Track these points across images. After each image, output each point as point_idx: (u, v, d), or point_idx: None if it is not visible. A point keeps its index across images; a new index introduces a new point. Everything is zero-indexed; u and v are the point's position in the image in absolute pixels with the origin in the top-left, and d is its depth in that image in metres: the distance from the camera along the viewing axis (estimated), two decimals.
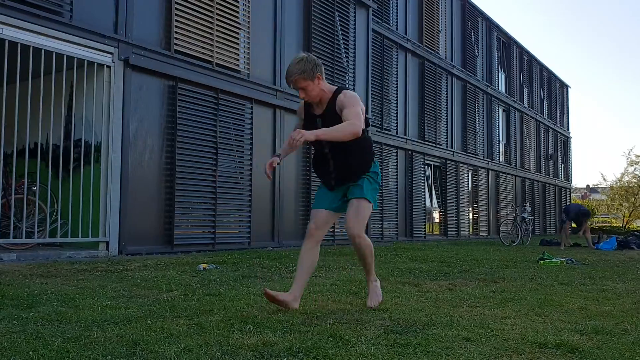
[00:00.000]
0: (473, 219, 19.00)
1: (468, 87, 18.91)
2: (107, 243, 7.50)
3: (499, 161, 21.43)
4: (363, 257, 3.65)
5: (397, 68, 15.05)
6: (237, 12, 9.61)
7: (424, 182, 16.06)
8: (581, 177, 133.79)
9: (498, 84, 21.96)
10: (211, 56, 9.10)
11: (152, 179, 8.14)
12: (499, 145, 21.54)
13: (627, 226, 33.04)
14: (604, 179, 41.14)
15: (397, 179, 14.59)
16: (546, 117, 27.25)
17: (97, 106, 7.64)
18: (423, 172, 15.93)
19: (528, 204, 16.98)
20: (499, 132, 21.65)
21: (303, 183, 11.03)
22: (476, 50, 20.02)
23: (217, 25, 9.19)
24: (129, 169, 7.80)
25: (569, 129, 30.96)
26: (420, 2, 16.35)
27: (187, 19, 8.72)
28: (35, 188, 7.41)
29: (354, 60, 12.57)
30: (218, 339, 2.65)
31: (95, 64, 7.56)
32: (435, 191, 17.05)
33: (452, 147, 17.70)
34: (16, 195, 7.26)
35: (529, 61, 25.40)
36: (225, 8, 9.35)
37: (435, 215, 17.00)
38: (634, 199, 34.49)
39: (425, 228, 15.85)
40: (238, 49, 9.62)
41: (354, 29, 12.69)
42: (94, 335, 2.70)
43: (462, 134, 18.54)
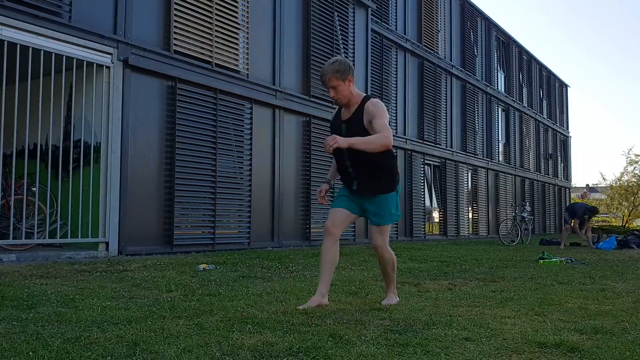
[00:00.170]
0: (473, 218, 19.00)
1: (467, 87, 18.91)
2: (107, 243, 7.50)
3: (499, 161, 21.43)
4: (384, 268, 3.84)
5: (396, 68, 15.05)
6: (236, 12, 9.61)
7: (424, 182, 16.06)
8: (581, 177, 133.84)
9: (497, 83, 21.96)
10: (210, 56, 9.10)
11: (151, 180, 8.13)
12: (498, 144, 21.55)
13: (627, 225, 33.04)
14: (604, 178, 41.15)
15: None
16: (545, 117, 27.26)
17: (97, 107, 7.64)
18: (422, 172, 15.94)
19: (527, 204, 16.97)
20: (498, 131, 21.65)
21: (303, 183, 11.03)
22: (475, 50, 20.03)
23: (217, 25, 9.19)
24: (129, 169, 7.80)
25: (568, 129, 30.98)
26: (420, 2, 16.35)
27: (187, 20, 8.71)
28: (34, 189, 7.40)
29: (354, 60, 12.57)
30: (218, 339, 2.65)
31: (95, 64, 7.55)
32: (435, 191, 17.05)
33: (451, 147, 17.70)
34: (16, 196, 7.26)
35: (528, 61, 25.40)
36: (225, 8, 9.35)
37: (435, 215, 17.00)
38: (633, 198, 34.48)
39: (424, 228, 15.85)
40: (237, 49, 9.62)
41: (353, 29, 12.69)
42: (94, 335, 2.70)
43: (462, 133, 18.54)
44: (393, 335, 2.82)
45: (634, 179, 34.96)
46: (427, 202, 16.43)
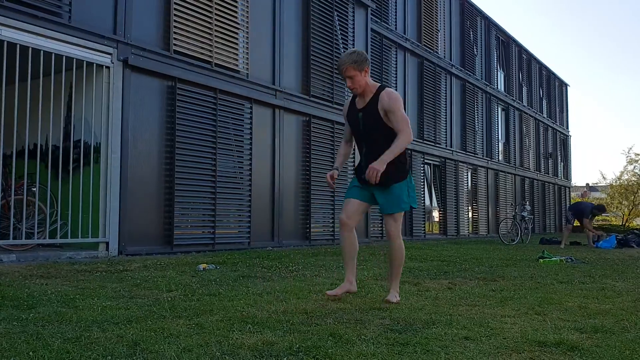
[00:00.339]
0: (472, 218, 19.00)
1: (467, 86, 18.91)
2: (107, 243, 7.50)
3: (499, 160, 21.43)
4: (393, 259, 3.96)
5: (396, 67, 15.05)
6: (236, 12, 9.61)
7: (424, 181, 16.07)
8: (581, 176, 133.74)
9: (497, 82, 21.97)
10: (210, 56, 9.10)
11: (151, 179, 8.14)
12: (498, 144, 21.55)
13: (627, 224, 33.05)
14: (604, 178, 41.08)
15: None
16: (545, 116, 27.26)
17: (97, 107, 7.64)
18: (422, 172, 15.94)
19: (527, 203, 16.99)
20: (498, 131, 21.65)
21: (303, 183, 11.04)
22: (475, 49, 20.03)
23: (216, 25, 9.19)
24: (129, 169, 7.80)
25: (568, 128, 30.98)
26: (419, 1, 16.35)
27: (186, 19, 8.71)
28: (34, 189, 7.40)
29: None
30: (218, 339, 2.66)
31: (94, 64, 7.55)
32: (435, 190, 17.05)
33: (451, 146, 17.70)
34: (16, 196, 7.26)
35: (528, 60, 25.40)
36: (224, 8, 9.35)
37: (435, 215, 17.01)
38: (633, 197, 34.51)
39: (424, 227, 15.86)
40: (237, 49, 9.62)
41: (353, 28, 12.69)
42: (94, 335, 2.71)
43: (461, 133, 18.54)
44: (393, 335, 2.83)
45: (633, 178, 35.00)
46: (427, 202, 16.43)
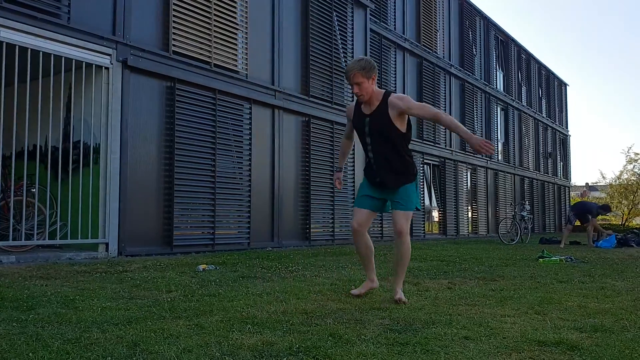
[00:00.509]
0: (472, 217, 19.00)
1: (466, 86, 18.92)
2: (107, 244, 7.50)
3: (498, 160, 21.44)
4: (399, 257, 3.98)
5: (395, 67, 15.06)
6: (235, 12, 9.61)
7: (423, 182, 16.07)
8: (580, 175, 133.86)
9: (496, 82, 21.97)
10: (209, 57, 9.10)
11: (151, 180, 8.14)
12: (497, 143, 21.55)
13: (626, 224, 33.06)
14: (603, 177, 41.03)
15: None
16: (545, 116, 27.26)
17: (96, 108, 7.64)
18: (422, 172, 15.94)
19: (527, 202, 16.98)
20: (497, 130, 21.66)
21: (302, 183, 11.03)
22: (474, 49, 20.03)
23: (215, 26, 9.19)
24: (128, 170, 7.80)
25: (567, 127, 30.98)
26: (418, 1, 16.36)
27: (185, 20, 8.71)
28: (34, 190, 7.40)
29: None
30: (218, 340, 2.66)
31: (94, 65, 7.55)
32: (434, 190, 17.06)
33: (450, 146, 17.71)
34: (15, 197, 7.26)
35: (527, 60, 25.40)
36: (223, 9, 9.35)
37: (434, 214, 17.01)
38: (633, 197, 34.52)
39: (424, 227, 15.86)
40: (236, 49, 9.62)
41: (352, 28, 12.69)
42: (94, 336, 2.71)
43: None
44: (393, 335, 2.83)
45: (633, 178, 35.00)
46: (427, 202, 16.43)
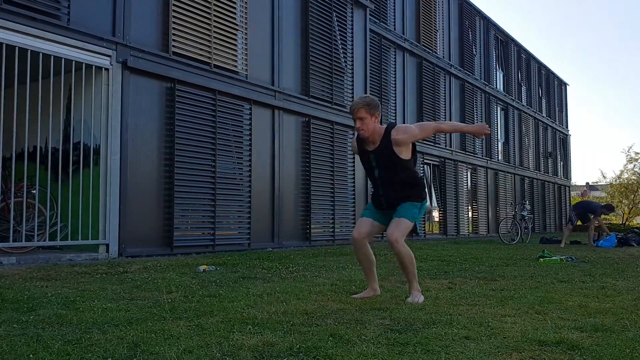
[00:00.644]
0: (472, 217, 19.00)
1: (466, 86, 18.92)
2: (107, 245, 7.50)
3: (498, 160, 21.43)
4: (402, 264, 4.04)
5: (395, 68, 15.06)
6: (235, 13, 9.61)
7: (423, 182, 16.04)
8: (580, 175, 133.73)
9: (496, 82, 21.97)
10: (209, 58, 9.10)
11: (151, 181, 8.14)
12: (497, 143, 21.55)
13: (627, 223, 33.05)
14: (604, 177, 40.96)
15: None
16: (545, 115, 27.26)
17: (96, 109, 7.64)
18: (422, 172, 15.94)
19: (527, 202, 16.98)
20: (497, 130, 21.66)
21: (303, 183, 11.04)
22: (474, 49, 20.03)
23: (215, 26, 9.19)
24: (128, 171, 7.80)
25: (567, 127, 30.98)
26: (418, 1, 16.35)
27: (185, 21, 8.71)
28: (34, 191, 7.40)
29: (352, 61, 12.58)
30: (218, 340, 2.66)
31: (94, 66, 7.56)
32: (435, 190, 17.05)
33: (450, 146, 17.70)
34: (15, 199, 7.26)
35: (527, 59, 25.40)
36: (223, 9, 9.35)
37: (435, 214, 17.01)
38: (633, 196, 34.50)
39: (424, 227, 15.85)
40: (236, 50, 9.62)
41: (352, 29, 12.69)
42: (95, 337, 2.71)
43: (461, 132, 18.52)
44: (393, 335, 2.83)
45: (633, 177, 34.99)
46: (427, 202, 16.41)
